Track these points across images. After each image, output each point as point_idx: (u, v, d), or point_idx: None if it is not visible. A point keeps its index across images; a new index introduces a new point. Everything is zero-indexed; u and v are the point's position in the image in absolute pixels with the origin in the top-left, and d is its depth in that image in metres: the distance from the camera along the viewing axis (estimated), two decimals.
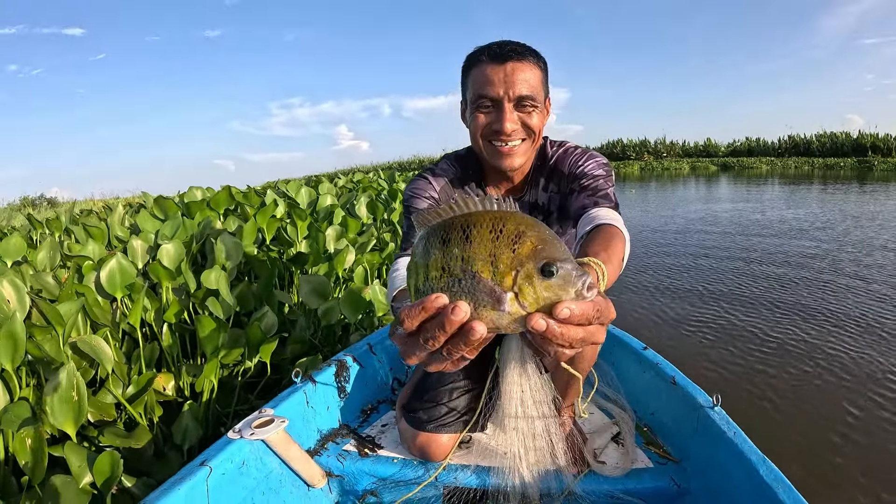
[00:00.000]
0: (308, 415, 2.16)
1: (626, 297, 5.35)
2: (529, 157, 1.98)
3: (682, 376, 2.16)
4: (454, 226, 0.81)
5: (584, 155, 2.03)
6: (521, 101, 1.82)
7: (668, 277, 6.01)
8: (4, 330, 2.09)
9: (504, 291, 0.78)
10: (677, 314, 4.77)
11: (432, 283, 0.80)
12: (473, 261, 0.78)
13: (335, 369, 2.37)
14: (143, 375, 2.44)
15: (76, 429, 1.93)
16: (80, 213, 6.51)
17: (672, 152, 45.28)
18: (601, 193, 1.88)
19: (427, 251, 0.82)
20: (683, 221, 10.31)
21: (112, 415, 2.35)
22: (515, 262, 0.78)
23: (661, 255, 7.15)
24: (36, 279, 2.95)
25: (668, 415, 2.19)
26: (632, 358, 2.49)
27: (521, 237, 0.80)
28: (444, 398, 2.15)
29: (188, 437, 2.35)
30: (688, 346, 4.03)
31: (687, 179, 25.88)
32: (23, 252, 3.55)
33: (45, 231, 5.20)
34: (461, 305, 0.76)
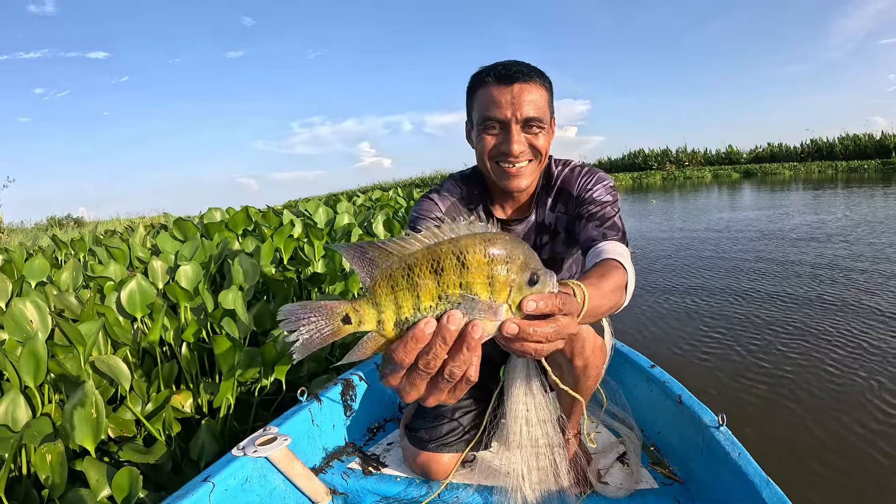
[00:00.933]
0: (313, 433, 2.20)
1: (635, 313, 5.32)
2: (535, 177, 1.99)
3: (689, 395, 2.16)
4: (445, 254, 0.84)
5: (593, 177, 2.04)
6: (528, 122, 1.82)
7: (683, 292, 5.94)
8: (27, 349, 2.17)
9: (500, 305, 0.85)
10: (686, 331, 4.73)
11: (426, 314, 0.84)
12: (472, 286, 0.84)
13: (342, 388, 2.41)
14: (161, 393, 2.50)
15: (95, 444, 1.98)
16: (104, 234, 6.60)
17: (694, 161, 44.96)
18: (608, 223, 1.90)
19: (414, 282, 0.84)
20: (699, 234, 9.95)
21: (132, 431, 2.41)
22: (509, 279, 0.85)
23: (672, 270, 7.03)
24: (59, 299, 3.02)
25: (675, 434, 2.20)
26: (639, 376, 2.50)
27: (511, 256, 0.85)
28: (446, 417, 2.17)
29: (205, 454, 2.40)
30: (695, 363, 4.02)
31: (710, 188, 25.60)
32: (46, 273, 3.64)
33: (69, 251, 5.30)
34: (454, 313, 0.81)
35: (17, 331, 2.40)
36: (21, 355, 2.18)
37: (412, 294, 0.84)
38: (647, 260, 7.93)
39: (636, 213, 15.78)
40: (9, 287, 3.16)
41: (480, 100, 1.87)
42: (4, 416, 2.10)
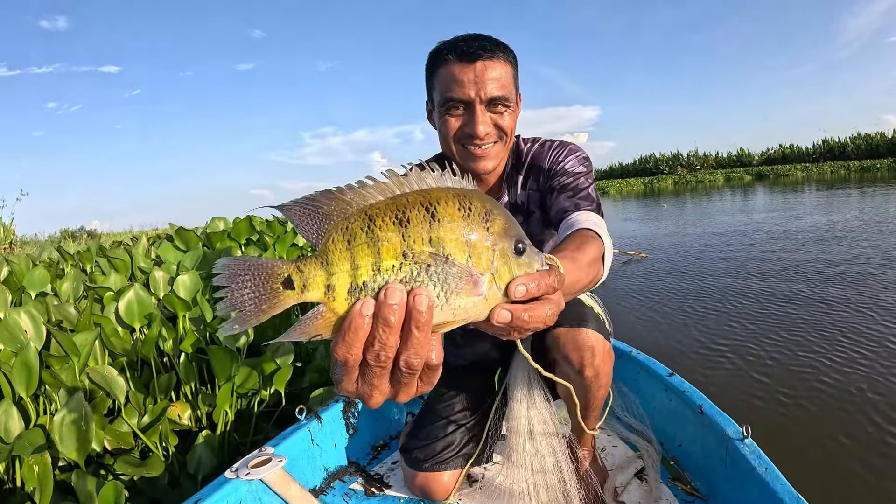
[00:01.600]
0: (313, 452, 2.14)
1: (651, 320, 5.22)
2: (503, 158, 1.92)
3: (710, 404, 2.06)
4: (412, 204, 0.70)
5: (564, 149, 1.97)
6: (493, 101, 1.75)
7: (699, 298, 5.82)
8: (19, 359, 2.13)
9: (481, 274, 0.71)
10: (705, 336, 4.62)
11: (387, 276, 0.69)
12: (444, 243, 0.70)
13: (343, 405, 2.35)
14: (158, 405, 2.45)
15: (84, 457, 1.94)
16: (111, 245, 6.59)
17: (705, 164, 45.13)
18: (581, 194, 1.82)
19: (375, 235, 0.69)
20: (713, 238, 9.67)
21: (129, 443, 2.36)
22: (490, 241, 0.72)
23: (687, 274, 6.88)
24: (59, 310, 2.99)
25: (696, 447, 2.10)
26: (657, 385, 2.40)
27: (490, 215, 0.73)
28: (439, 434, 2.09)
29: (202, 467, 2.34)
30: (715, 371, 3.88)
31: (722, 191, 25.47)
32: (47, 283, 3.60)
33: (77, 263, 5.28)
34: (393, 286, 0.67)
35: (11, 341, 2.36)
36: (14, 365, 2.14)
37: (372, 251, 0.69)
38: (661, 264, 7.86)
39: (649, 217, 15.71)
40: (7, 298, 3.13)
41: (442, 79, 1.78)
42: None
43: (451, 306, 0.71)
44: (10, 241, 14.38)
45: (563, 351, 1.75)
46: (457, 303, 0.71)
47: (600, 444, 2.35)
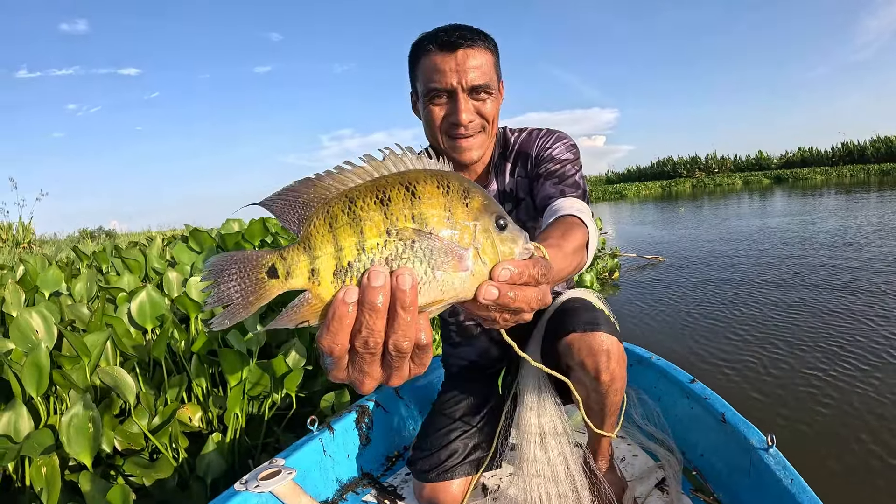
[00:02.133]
0: (325, 464, 2.11)
1: (669, 325, 5.17)
2: (488, 146, 1.92)
3: (734, 412, 2.00)
4: (391, 184, 0.70)
5: (551, 136, 1.96)
6: (475, 89, 1.76)
7: (718, 303, 5.76)
8: (30, 359, 2.13)
9: (465, 249, 0.71)
10: (723, 341, 4.57)
11: (372, 255, 0.68)
12: (427, 219, 0.69)
13: (356, 415, 2.31)
14: (168, 406, 2.44)
15: (92, 458, 1.93)
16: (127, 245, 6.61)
17: (724, 167, 44.98)
18: (568, 181, 1.82)
19: (357, 216, 0.68)
20: (730, 243, 9.55)
21: (140, 444, 2.35)
22: (471, 216, 0.72)
23: (704, 279, 6.79)
24: (72, 310, 2.99)
25: (719, 456, 2.04)
26: (678, 392, 2.34)
27: (469, 192, 0.73)
28: (441, 442, 2.05)
29: (212, 470, 2.33)
30: (736, 378, 3.82)
31: (740, 195, 25.29)
32: (61, 283, 3.60)
33: (92, 263, 5.29)
34: (375, 269, 0.66)
35: (23, 341, 2.36)
36: (24, 365, 2.13)
37: (355, 231, 0.68)
38: (677, 268, 7.81)
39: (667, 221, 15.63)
40: (21, 297, 3.13)
41: (424, 69, 1.78)
42: (7, 427, 2.06)
43: (439, 282, 0.70)
44: (28, 241, 14.48)
45: (577, 357, 1.71)
46: (444, 279, 0.70)
47: (620, 454, 2.31)
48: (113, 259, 4.62)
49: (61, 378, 2.30)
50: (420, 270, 0.68)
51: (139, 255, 4.42)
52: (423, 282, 0.69)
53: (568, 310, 1.83)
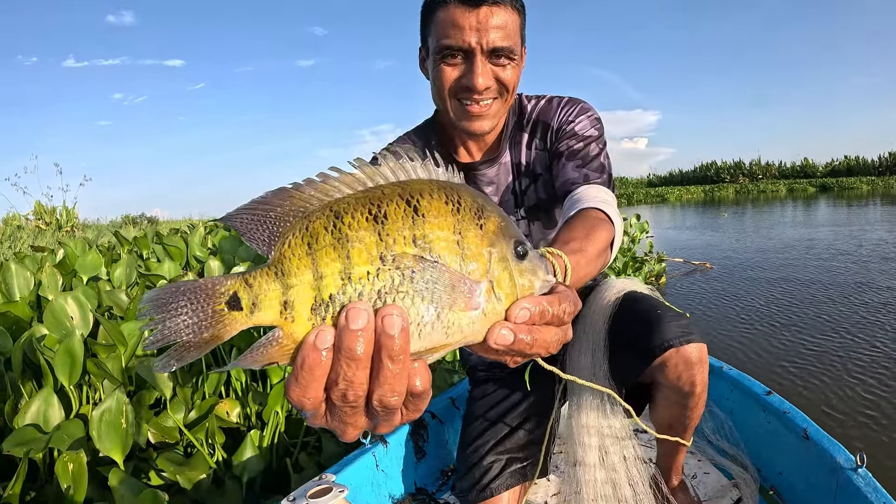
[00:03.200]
0: (378, 479, 1.99)
1: (726, 334, 4.97)
2: (502, 116, 1.71)
3: (817, 428, 1.83)
4: (388, 196, 0.57)
5: (574, 107, 1.75)
6: (495, 52, 1.53)
7: (791, 312, 5.54)
8: (63, 347, 2.05)
9: (477, 283, 0.56)
10: (796, 355, 4.35)
11: (360, 286, 0.54)
12: (433, 242, 0.55)
13: (411, 428, 2.18)
14: (206, 401, 2.35)
15: (123, 456, 1.84)
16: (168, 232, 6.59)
17: (768, 174, 44.53)
18: (593, 163, 1.63)
19: (343, 235, 0.55)
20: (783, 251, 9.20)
21: (174, 437, 2.27)
22: (486, 241, 0.57)
23: (765, 289, 6.56)
24: (110, 296, 2.91)
25: (800, 476, 1.88)
26: (753, 405, 2.16)
27: (483, 210, 0.58)
28: (473, 459, 1.87)
29: (249, 468, 2.22)
30: (813, 392, 3.63)
31: (785, 203, 24.85)
32: (100, 268, 3.53)
33: (133, 248, 5.25)
34: (355, 307, 0.52)
35: (57, 327, 2.28)
36: (57, 353, 2.05)
37: (340, 254, 0.54)
38: (733, 276, 7.58)
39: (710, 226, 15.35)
40: (58, 281, 3.06)
41: (439, 23, 1.54)
42: (36, 415, 1.98)
43: (444, 324, 0.55)
44: (71, 225, 14.66)
45: (673, 373, 1.55)
46: (450, 320, 0.55)
47: (690, 470, 2.17)
48: (154, 245, 4.56)
49: (95, 367, 2.22)
50: (420, 309, 0.55)
51: (180, 242, 4.36)
52: (423, 323, 0.55)
53: (642, 313, 1.66)
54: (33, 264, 3.39)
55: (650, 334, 1.56)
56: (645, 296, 1.79)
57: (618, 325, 1.73)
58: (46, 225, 14.33)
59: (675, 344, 1.52)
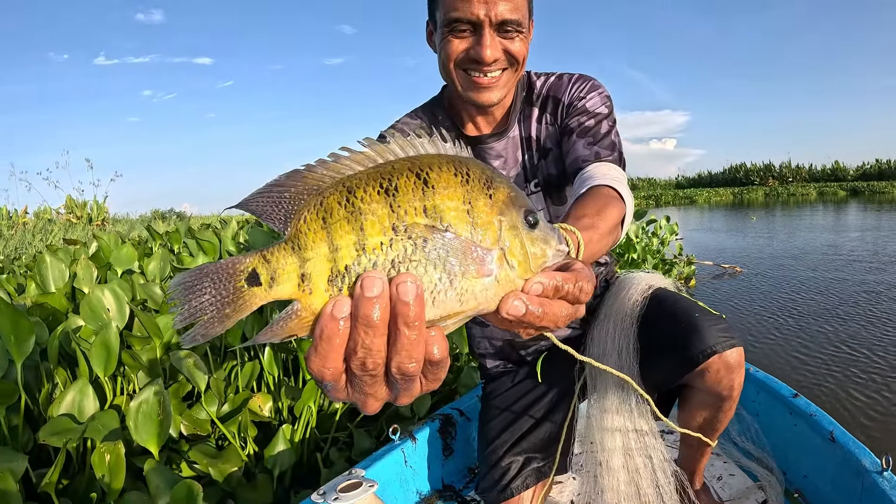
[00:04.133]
0: (406, 476, 2.01)
1: (755, 338, 4.93)
2: (510, 89, 1.68)
3: (843, 431, 1.82)
4: (398, 170, 0.58)
5: (585, 83, 1.73)
6: (503, 24, 1.51)
7: (819, 315, 5.50)
8: (99, 338, 2.06)
9: (488, 250, 0.57)
10: (823, 359, 4.31)
11: (374, 257, 0.55)
12: (443, 213, 0.56)
13: (439, 425, 2.19)
14: (240, 395, 2.36)
15: (159, 447, 1.84)
16: (199, 227, 6.64)
17: (798, 177, 44.05)
18: (604, 141, 1.61)
19: (356, 208, 0.57)
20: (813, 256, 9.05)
21: (206, 430, 2.28)
22: (496, 210, 0.58)
23: (796, 294, 6.51)
24: (144, 289, 2.93)
25: (825, 479, 1.87)
26: (779, 407, 2.15)
27: (493, 182, 0.60)
28: (491, 460, 1.87)
29: (280, 462, 2.23)
30: (840, 396, 3.60)
31: (815, 206, 24.54)
32: (133, 261, 3.57)
33: (165, 243, 5.30)
34: (369, 275, 0.53)
35: (93, 319, 2.30)
36: (93, 344, 2.06)
37: (353, 227, 0.56)
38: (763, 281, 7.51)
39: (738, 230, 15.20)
40: (93, 274, 3.09)
41: None
42: (71, 405, 1.99)
43: (457, 291, 0.57)
44: (102, 219, 14.84)
45: (713, 378, 1.54)
46: (462, 286, 0.56)
47: (716, 472, 2.16)
48: (187, 240, 4.59)
49: (130, 359, 2.24)
50: (433, 276, 0.57)
51: (213, 236, 4.38)
52: (436, 290, 0.56)
53: (678, 317, 1.63)
54: (66, 257, 3.42)
55: (692, 340, 1.54)
56: (675, 295, 1.77)
57: (650, 327, 1.72)
58: (77, 219, 14.51)
59: (718, 350, 1.51)
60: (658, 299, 1.76)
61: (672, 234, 8.28)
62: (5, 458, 1.73)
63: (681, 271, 7.32)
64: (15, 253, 8.85)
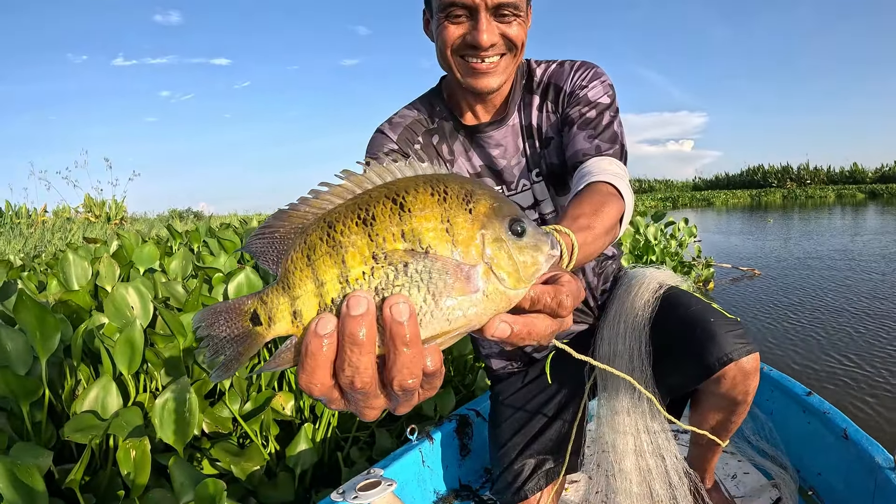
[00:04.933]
0: (423, 475, 2.03)
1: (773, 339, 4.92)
2: (510, 75, 1.65)
3: (856, 428, 1.82)
4: (375, 199, 0.60)
5: (588, 71, 1.69)
6: (500, 8, 1.49)
7: (835, 317, 5.49)
8: (124, 335, 2.07)
9: (472, 266, 0.58)
10: (838, 359, 4.30)
11: (357, 287, 0.57)
12: (421, 235, 0.57)
13: (456, 425, 2.21)
14: (262, 393, 2.37)
15: (184, 444, 1.85)
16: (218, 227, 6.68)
17: (816, 179, 43.82)
18: (605, 134, 1.58)
19: (337, 242, 0.58)
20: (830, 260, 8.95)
21: (228, 427, 2.29)
22: (477, 224, 0.59)
23: (813, 297, 6.47)
24: (166, 287, 2.94)
25: (839, 476, 1.87)
26: (793, 405, 2.15)
27: (472, 195, 0.60)
28: (504, 462, 1.87)
29: (302, 461, 2.24)
30: (853, 394, 3.59)
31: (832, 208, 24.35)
32: (156, 260, 3.58)
33: (183, 241, 5.32)
34: (356, 294, 0.55)
35: (117, 316, 2.31)
36: (118, 342, 2.07)
37: (335, 260, 0.58)
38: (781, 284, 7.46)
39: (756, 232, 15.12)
40: (116, 272, 3.11)
41: None
42: (94, 402, 2.00)
43: (443, 310, 0.57)
44: (121, 218, 14.95)
45: (729, 384, 1.54)
46: (450, 305, 0.57)
47: (730, 470, 2.17)
48: (207, 239, 4.61)
49: (154, 356, 2.25)
50: (418, 298, 0.58)
51: (234, 236, 4.40)
52: (423, 312, 0.58)
53: (693, 322, 1.62)
54: (88, 255, 3.44)
55: (708, 347, 1.53)
56: (689, 297, 1.75)
57: (663, 330, 1.70)
58: (96, 217, 14.63)
59: (735, 357, 1.50)
60: (671, 300, 1.75)
61: (690, 237, 8.25)
62: (31, 453, 1.74)
63: (699, 274, 7.29)
64: (35, 251, 8.93)
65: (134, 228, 11.36)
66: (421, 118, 1.82)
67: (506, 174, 1.81)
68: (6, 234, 10.88)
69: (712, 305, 1.68)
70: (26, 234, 10.94)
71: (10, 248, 9.19)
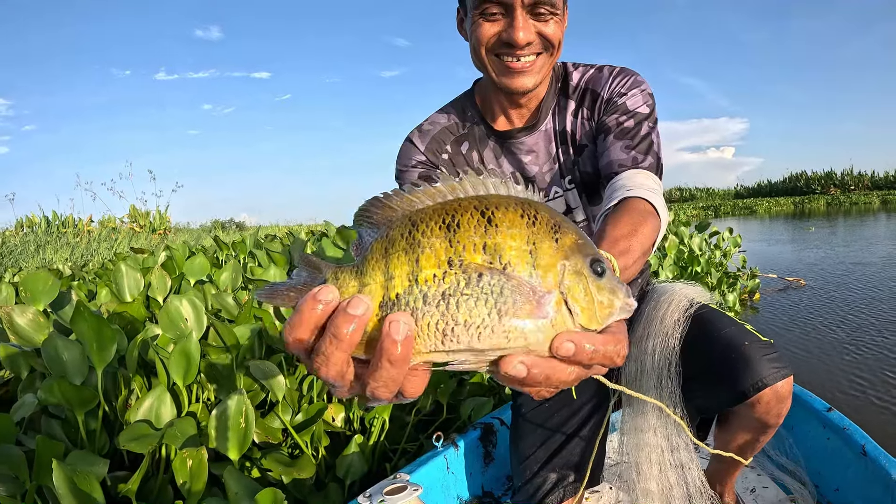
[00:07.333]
0: (448, 481, 2.05)
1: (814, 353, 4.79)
2: (545, 75, 1.61)
3: (875, 445, 1.82)
4: (464, 207, 0.61)
5: (627, 78, 1.65)
6: (536, 6, 1.45)
7: (874, 334, 5.27)
8: (179, 347, 2.10)
9: (547, 292, 0.58)
10: (862, 371, 4.19)
11: (425, 288, 0.58)
12: (503, 251, 0.58)
13: (480, 433, 2.24)
14: (314, 405, 2.39)
15: (240, 455, 1.88)
16: (264, 238, 6.75)
17: (860, 185, 42.88)
18: (642, 144, 1.53)
19: (415, 241, 0.60)
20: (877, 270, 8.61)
21: (278, 438, 2.31)
22: (560, 254, 0.59)
23: (860, 309, 6.24)
24: (217, 299, 2.99)
25: (856, 492, 1.87)
26: (813, 421, 2.15)
27: (560, 226, 0.61)
28: (526, 474, 1.83)
29: (351, 472, 2.25)
30: (874, 408, 3.52)
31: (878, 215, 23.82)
32: (206, 272, 3.63)
33: (230, 252, 5.39)
34: (357, 297, 0.58)
35: (171, 328, 2.35)
36: (172, 353, 2.11)
37: (410, 258, 0.60)
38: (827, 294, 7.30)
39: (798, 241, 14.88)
40: (168, 283, 3.16)
41: None
42: (148, 411, 2.03)
43: (504, 327, 0.57)
44: (165, 228, 15.19)
45: (765, 408, 1.52)
46: (512, 324, 0.57)
47: (749, 484, 2.17)
48: (255, 250, 4.66)
49: (207, 367, 2.28)
50: (483, 311, 0.58)
51: (282, 247, 4.45)
52: (483, 325, 0.58)
53: (727, 346, 1.59)
54: (136, 265, 3.50)
55: (743, 372, 1.51)
56: (721, 317, 1.72)
57: (695, 352, 1.67)
58: (140, 228, 14.90)
59: (770, 382, 1.48)
60: (703, 321, 1.72)
61: (735, 247, 8.13)
62: (87, 461, 1.78)
63: (744, 285, 7.18)
64: (81, 260, 9.11)
65: (180, 239, 11.52)
66: (451, 124, 1.81)
67: (537, 181, 1.79)
68: (53, 243, 11.10)
69: (746, 327, 1.66)
70: (73, 243, 11.16)
71: (57, 256, 9.40)
